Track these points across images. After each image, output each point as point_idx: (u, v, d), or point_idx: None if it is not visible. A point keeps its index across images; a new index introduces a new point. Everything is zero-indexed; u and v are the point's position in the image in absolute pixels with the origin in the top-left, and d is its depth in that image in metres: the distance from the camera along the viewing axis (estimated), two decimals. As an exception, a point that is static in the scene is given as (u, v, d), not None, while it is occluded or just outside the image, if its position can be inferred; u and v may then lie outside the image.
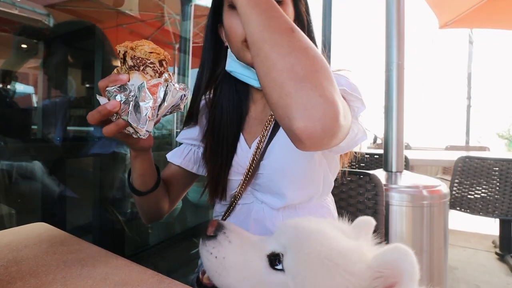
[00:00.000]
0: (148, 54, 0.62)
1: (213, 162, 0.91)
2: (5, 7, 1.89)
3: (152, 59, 0.62)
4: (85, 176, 1.97)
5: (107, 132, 0.64)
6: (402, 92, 1.78)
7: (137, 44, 0.63)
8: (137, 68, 0.63)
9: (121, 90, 0.62)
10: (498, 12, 4.01)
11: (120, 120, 0.63)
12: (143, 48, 0.63)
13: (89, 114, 0.63)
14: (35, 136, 1.84)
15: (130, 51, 0.62)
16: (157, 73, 0.64)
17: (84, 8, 2.41)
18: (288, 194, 0.84)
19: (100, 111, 0.61)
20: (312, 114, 0.51)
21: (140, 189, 0.87)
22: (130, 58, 0.62)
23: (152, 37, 3.27)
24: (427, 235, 1.58)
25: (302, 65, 0.53)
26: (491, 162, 2.64)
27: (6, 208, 1.58)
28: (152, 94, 0.62)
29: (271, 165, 0.85)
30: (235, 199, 0.91)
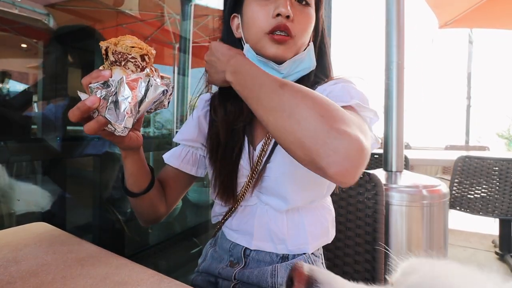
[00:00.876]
0: (129, 48, 0.61)
1: (220, 166, 0.89)
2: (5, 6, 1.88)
3: (133, 54, 0.61)
4: (78, 176, 1.96)
5: (89, 130, 0.62)
6: (402, 91, 1.78)
7: (120, 39, 0.63)
8: (118, 63, 0.62)
9: (104, 86, 0.61)
10: (497, 12, 4.01)
11: (100, 117, 0.61)
12: (125, 43, 0.62)
13: (70, 111, 0.61)
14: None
15: (112, 46, 0.61)
16: (139, 68, 0.63)
17: (84, 8, 2.40)
18: (293, 197, 0.83)
19: (79, 107, 0.60)
20: (338, 159, 0.54)
21: (132, 189, 0.85)
22: (111, 53, 0.61)
23: (152, 37, 3.28)
24: (427, 234, 1.58)
25: (309, 121, 0.56)
26: (491, 162, 2.65)
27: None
28: (131, 89, 0.60)
29: (278, 168, 0.84)
30: (238, 200, 0.89)
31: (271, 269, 0.84)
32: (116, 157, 1.96)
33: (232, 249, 0.92)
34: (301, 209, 0.88)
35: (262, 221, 0.88)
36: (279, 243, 0.87)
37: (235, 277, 0.87)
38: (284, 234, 0.86)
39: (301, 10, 0.81)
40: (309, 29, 0.83)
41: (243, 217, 0.91)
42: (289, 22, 0.78)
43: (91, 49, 2.06)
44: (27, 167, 1.77)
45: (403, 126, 1.80)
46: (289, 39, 0.79)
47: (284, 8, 0.76)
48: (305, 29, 0.81)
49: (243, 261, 0.89)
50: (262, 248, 0.88)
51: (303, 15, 0.81)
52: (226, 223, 0.95)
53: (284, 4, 0.76)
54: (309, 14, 0.82)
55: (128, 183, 0.84)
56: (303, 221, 0.87)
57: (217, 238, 1.00)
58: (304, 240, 0.86)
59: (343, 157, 0.54)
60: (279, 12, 0.76)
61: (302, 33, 0.81)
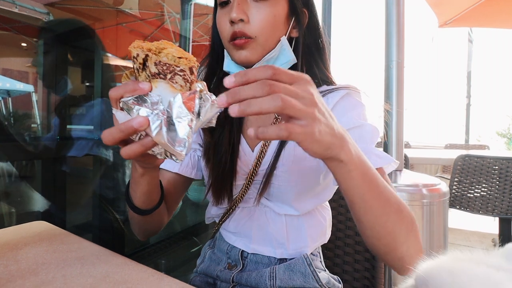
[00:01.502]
0: (177, 59, 0.52)
1: (216, 167, 0.86)
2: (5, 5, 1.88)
3: (182, 66, 0.52)
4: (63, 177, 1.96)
5: (129, 154, 0.53)
6: (402, 90, 1.78)
7: (158, 47, 0.53)
8: (163, 76, 0.52)
9: (140, 101, 0.52)
10: (497, 11, 4.01)
11: (146, 140, 0.52)
12: (170, 52, 0.52)
13: (107, 133, 0.52)
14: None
15: (153, 55, 0.52)
16: (188, 82, 0.53)
17: (84, 7, 2.40)
18: (298, 204, 0.83)
19: (123, 130, 0.50)
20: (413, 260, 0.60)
21: (142, 207, 0.77)
22: (153, 63, 0.52)
23: (152, 36, 3.27)
24: (427, 233, 1.58)
25: (399, 230, 0.62)
26: (491, 161, 2.65)
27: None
28: (189, 109, 0.51)
29: (284, 176, 0.81)
30: (236, 202, 0.87)
31: (269, 271, 0.82)
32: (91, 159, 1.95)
33: (229, 251, 0.91)
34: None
35: (260, 223, 0.86)
36: (278, 247, 0.86)
37: (233, 280, 0.86)
38: (284, 238, 0.85)
39: (257, 7, 0.77)
40: (270, 24, 0.78)
41: (241, 219, 0.89)
42: (243, 24, 0.76)
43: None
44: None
45: (403, 125, 1.80)
46: (249, 41, 0.77)
47: (234, 13, 0.75)
48: (264, 27, 0.77)
49: (241, 264, 0.88)
50: (260, 252, 0.87)
51: (259, 12, 0.77)
52: (223, 225, 0.94)
53: (234, 9, 0.75)
54: (267, 8, 0.77)
55: (139, 201, 0.76)
56: (303, 224, 0.86)
57: (216, 239, 0.99)
58: (304, 243, 0.85)
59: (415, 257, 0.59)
60: (230, 20, 0.76)
61: (262, 31, 0.77)
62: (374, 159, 0.72)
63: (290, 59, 0.83)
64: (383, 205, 0.60)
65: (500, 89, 11.84)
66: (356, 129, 0.77)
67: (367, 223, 0.62)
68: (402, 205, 0.63)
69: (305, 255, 0.83)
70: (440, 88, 12.66)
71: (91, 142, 1.91)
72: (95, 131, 1.92)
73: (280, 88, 0.46)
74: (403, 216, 0.62)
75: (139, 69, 0.53)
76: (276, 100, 0.45)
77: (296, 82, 0.49)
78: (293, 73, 0.50)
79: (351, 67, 10.23)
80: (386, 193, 0.60)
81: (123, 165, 2.16)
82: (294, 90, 0.48)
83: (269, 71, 0.47)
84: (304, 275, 0.81)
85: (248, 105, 0.46)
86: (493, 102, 11.45)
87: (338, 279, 0.90)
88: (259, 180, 0.84)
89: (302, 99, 0.48)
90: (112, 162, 2.04)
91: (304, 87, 0.49)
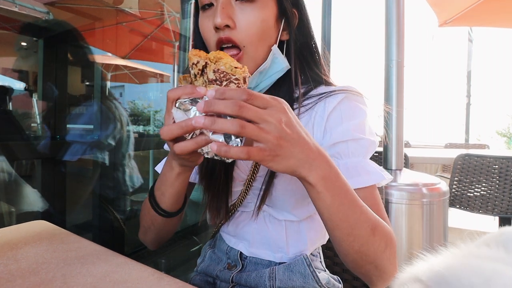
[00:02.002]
0: (233, 69, 0.56)
1: (212, 178, 0.85)
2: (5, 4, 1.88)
3: (237, 75, 0.57)
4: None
5: (182, 149, 0.56)
6: (402, 90, 1.78)
7: (216, 56, 0.57)
8: (219, 82, 0.57)
9: (194, 103, 0.56)
10: (497, 10, 4.01)
11: (200, 138, 0.55)
12: (227, 62, 0.57)
13: (166, 129, 0.56)
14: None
15: (212, 63, 0.57)
16: None
17: (84, 6, 2.40)
18: (297, 211, 0.82)
19: (183, 127, 0.54)
20: (394, 266, 0.67)
21: (170, 209, 0.77)
22: (212, 71, 0.57)
23: (152, 35, 3.27)
24: (427, 233, 1.58)
25: (367, 250, 0.64)
26: (491, 160, 2.65)
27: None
28: None
29: (282, 184, 0.80)
30: (234, 207, 0.87)
31: (269, 271, 0.82)
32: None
33: (229, 251, 0.91)
34: None
35: (259, 227, 0.86)
36: (278, 251, 0.85)
37: (233, 280, 0.85)
38: (283, 242, 0.84)
39: (243, 11, 0.72)
40: (258, 30, 0.74)
41: (240, 222, 0.89)
42: (230, 30, 0.72)
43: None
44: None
45: (403, 124, 1.80)
46: (239, 54, 0.73)
47: (218, 18, 0.70)
48: (252, 33, 0.73)
49: (240, 264, 0.87)
50: (259, 255, 0.86)
51: (246, 16, 0.72)
52: (223, 227, 0.94)
53: (218, 14, 0.70)
54: (254, 12, 0.73)
55: (167, 204, 0.76)
56: (303, 228, 0.85)
57: (216, 239, 0.99)
58: (304, 246, 0.85)
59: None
60: (215, 25, 0.71)
61: (250, 39, 0.73)
62: (364, 177, 0.73)
63: (283, 66, 0.79)
64: (352, 226, 0.62)
65: (500, 88, 11.84)
66: (352, 142, 0.76)
67: (334, 238, 0.65)
68: (377, 227, 0.65)
69: (305, 256, 0.83)
70: (440, 87, 12.66)
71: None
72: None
73: (249, 111, 0.50)
74: (374, 238, 0.64)
75: (197, 75, 0.59)
76: (235, 125, 0.49)
77: (269, 107, 0.53)
78: (268, 99, 0.54)
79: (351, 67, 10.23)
80: (357, 214, 0.62)
81: (123, 165, 2.17)
82: (261, 115, 0.51)
83: (244, 96, 0.51)
84: (303, 275, 0.81)
85: (212, 122, 0.50)
86: (493, 102, 11.45)
87: (338, 279, 0.90)
88: (257, 186, 0.83)
89: (266, 124, 0.51)
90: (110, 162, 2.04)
91: (274, 113, 0.52)
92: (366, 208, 0.65)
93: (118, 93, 5.69)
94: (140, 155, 2.56)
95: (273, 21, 0.76)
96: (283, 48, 0.81)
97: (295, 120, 0.56)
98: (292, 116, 0.56)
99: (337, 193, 0.60)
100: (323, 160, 0.58)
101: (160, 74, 4.33)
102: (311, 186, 0.58)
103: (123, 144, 2.19)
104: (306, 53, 0.86)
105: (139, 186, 2.36)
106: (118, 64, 3.91)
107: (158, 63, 4.15)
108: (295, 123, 0.55)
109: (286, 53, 0.81)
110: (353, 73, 7.64)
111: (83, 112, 2.10)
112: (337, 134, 0.76)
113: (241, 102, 0.50)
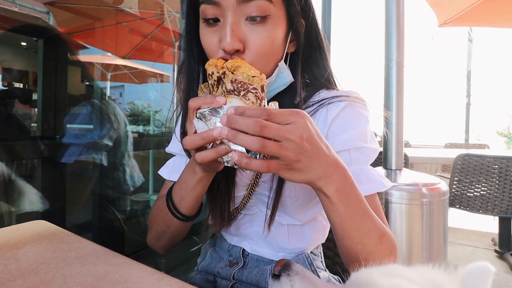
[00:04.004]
0: (251, 78, 0.56)
1: (214, 184, 0.82)
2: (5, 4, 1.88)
3: (255, 85, 0.56)
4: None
5: (203, 159, 0.57)
6: (402, 89, 1.78)
7: (234, 65, 0.57)
8: (237, 92, 0.57)
9: (214, 113, 0.57)
10: (497, 10, 4.01)
11: (221, 148, 0.57)
12: (245, 71, 0.56)
13: (189, 139, 0.57)
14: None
15: (230, 73, 0.56)
16: (258, 99, 0.57)
17: (84, 6, 2.40)
18: (297, 216, 0.82)
19: (204, 137, 0.55)
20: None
21: (190, 213, 0.78)
22: (230, 81, 0.56)
23: (152, 35, 3.27)
24: (427, 233, 1.58)
25: (372, 258, 0.64)
26: (491, 160, 2.65)
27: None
28: None
29: (287, 192, 0.80)
30: (237, 210, 0.87)
31: (270, 268, 0.82)
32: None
33: (230, 249, 0.91)
34: None
35: (262, 229, 0.86)
36: (280, 251, 0.86)
37: (234, 277, 0.86)
38: (286, 243, 0.85)
39: (253, 32, 0.66)
40: (267, 51, 0.68)
41: (242, 224, 0.89)
42: (238, 54, 0.66)
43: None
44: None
45: (402, 124, 1.80)
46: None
47: (227, 44, 0.64)
48: (261, 55, 0.67)
49: (242, 261, 0.88)
50: (262, 254, 0.87)
51: (257, 38, 0.66)
52: (223, 228, 0.93)
53: (228, 38, 0.64)
54: (265, 33, 0.67)
55: (187, 208, 0.77)
56: (306, 230, 0.85)
57: (216, 238, 0.99)
58: (307, 245, 0.86)
59: None
60: (223, 49, 0.65)
61: (258, 60, 0.67)
62: (366, 185, 0.74)
63: (287, 80, 0.76)
64: (362, 235, 0.64)
65: (500, 88, 11.85)
66: (354, 151, 0.76)
67: (342, 246, 0.66)
68: (384, 235, 0.67)
69: (306, 255, 0.84)
70: (440, 87, 12.66)
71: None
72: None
73: (270, 130, 0.52)
74: (381, 246, 0.66)
75: (214, 85, 0.59)
76: (256, 143, 0.51)
77: (290, 123, 0.54)
78: (288, 115, 0.54)
79: (351, 67, 10.23)
80: (368, 224, 0.64)
81: (123, 164, 2.16)
82: (282, 133, 0.52)
83: (264, 116, 0.52)
84: None
85: (234, 136, 0.52)
86: (493, 101, 11.45)
87: (338, 279, 0.90)
88: (260, 191, 0.83)
89: (287, 142, 0.53)
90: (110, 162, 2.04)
91: (296, 130, 0.53)
92: (376, 217, 0.66)
93: (118, 93, 5.68)
94: (140, 155, 2.56)
95: (282, 39, 0.71)
96: (287, 61, 0.77)
97: (316, 134, 0.57)
98: (313, 130, 0.56)
99: (351, 204, 0.61)
100: (340, 173, 0.60)
101: (160, 74, 4.33)
102: (326, 197, 0.60)
103: (122, 144, 2.19)
104: (313, 60, 0.84)
105: (139, 185, 2.36)
106: (118, 64, 3.91)
107: (158, 63, 4.15)
108: (316, 138, 0.56)
109: (291, 64, 0.77)
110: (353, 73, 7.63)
111: (82, 112, 2.10)
112: (340, 143, 0.76)
113: (262, 121, 0.51)
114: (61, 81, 1.93)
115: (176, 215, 0.77)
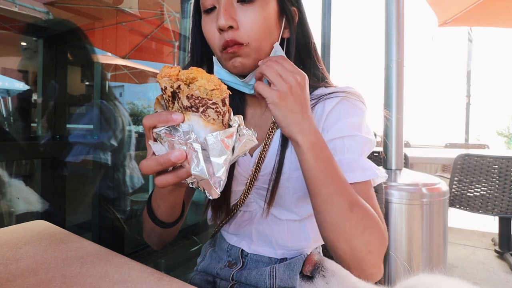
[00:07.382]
0: (209, 92, 0.50)
1: None
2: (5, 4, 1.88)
3: (214, 99, 0.50)
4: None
5: (163, 183, 0.54)
6: (402, 89, 1.78)
7: (188, 77, 0.51)
8: (195, 109, 0.51)
9: (172, 132, 0.51)
10: (497, 10, 4.01)
11: (181, 171, 0.53)
12: (202, 84, 0.50)
13: (144, 164, 0.53)
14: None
15: (185, 88, 0.50)
16: (220, 114, 0.52)
17: (83, 6, 2.40)
18: (296, 209, 0.83)
19: (161, 163, 0.51)
20: (374, 258, 0.66)
21: (167, 220, 0.76)
22: (185, 97, 0.50)
23: (152, 35, 3.27)
24: (427, 233, 1.58)
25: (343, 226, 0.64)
26: (491, 160, 2.65)
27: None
28: (226, 147, 0.50)
29: (284, 183, 0.80)
30: (236, 207, 0.86)
31: (269, 269, 0.83)
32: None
33: (229, 249, 0.91)
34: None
35: (261, 227, 0.86)
36: (280, 248, 0.86)
37: (233, 278, 0.86)
38: (285, 240, 0.85)
39: (245, 11, 0.72)
40: (261, 28, 0.73)
41: (242, 222, 0.89)
42: (233, 31, 0.71)
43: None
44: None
45: (402, 124, 1.80)
46: (242, 47, 0.72)
47: (222, 20, 0.69)
48: (255, 32, 0.73)
49: (241, 262, 0.88)
50: (261, 252, 0.87)
51: (248, 16, 0.72)
52: (224, 227, 0.94)
53: (221, 15, 0.70)
54: (256, 12, 0.73)
55: (163, 215, 0.75)
56: (305, 227, 0.85)
57: (216, 238, 0.99)
58: (306, 244, 0.86)
59: (378, 255, 0.67)
60: (219, 28, 0.71)
61: (254, 37, 0.73)
62: (357, 173, 0.74)
63: None
64: (331, 194, 0.65)
65: (500, 88, 11.85)
66: (347, 139, 0.77)
67: (313, 206, 0.67)
68: (356, 205, 0.66)
69: (305, 255, 0.83)
70: (440, 87, 12.67)
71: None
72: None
73: (277, 65, 0.66)
74: (352, 215, 0.64)
75: (169, 101, 0.53)
76: (262, 67, 0.67)
77: (294, 72, 0.66)
78: (295, 67, 0.67)
79: (351, 67, 10.22)
80: (337, 185, 0.65)
81: (123, 165, 2.16)
82: (285, 69, 0.66)
83: (280, 59, 0.68)
84: None
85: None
86: (493, 102, 11.45)
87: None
88: (259, 185, 0.83)
89: (285, 75, 0.65)
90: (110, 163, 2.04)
91: (297, 74, 0.66)
92: (350, 187, 0.67)
93: (118, 93, 5.68)
94: (140, 155, 2.56)
95: (275, 18, 0.77)
96: (283, 46, 0.81)
97: (307, 93, 0.67)
98: (306, 86, 0.68)
99: (321, 160, 0.65)
100: (313, 129, 0.66)
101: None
102: (298, 146, 0.65)
103: (125, 144, 2.19)
104: (306, 51, 0.87)
105: (140, 186, 2.36)
106: (118, 64, 3.91)
107: (158, 63, 4.15)
108: (306, 92, 0.67)
109: (286, 51, 0.80)
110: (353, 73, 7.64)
111: (83, 112, 2.10)
112: (334, 131, 0.77)
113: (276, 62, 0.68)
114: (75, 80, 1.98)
115: (155, 221, 0.76)
